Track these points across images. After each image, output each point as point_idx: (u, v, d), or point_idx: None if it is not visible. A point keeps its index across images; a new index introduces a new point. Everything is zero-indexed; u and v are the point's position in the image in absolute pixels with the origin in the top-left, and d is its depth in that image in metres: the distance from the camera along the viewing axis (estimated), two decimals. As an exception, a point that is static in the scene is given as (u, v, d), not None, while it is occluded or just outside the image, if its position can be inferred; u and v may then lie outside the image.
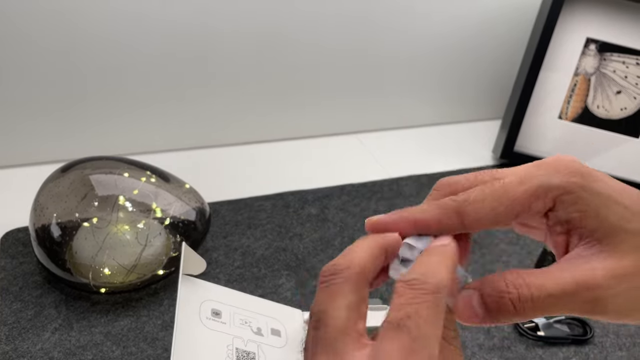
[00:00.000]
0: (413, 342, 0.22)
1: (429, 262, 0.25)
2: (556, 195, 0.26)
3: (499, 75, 0.88)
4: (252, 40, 0.71)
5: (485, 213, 0.26)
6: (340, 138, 0.83)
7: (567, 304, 0.25)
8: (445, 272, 0.24)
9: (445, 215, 0.27)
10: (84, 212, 0.54)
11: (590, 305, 0.25)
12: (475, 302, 0.25)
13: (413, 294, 0.23)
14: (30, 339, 0.51)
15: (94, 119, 0.70)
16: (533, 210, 0.27)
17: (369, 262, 0.25)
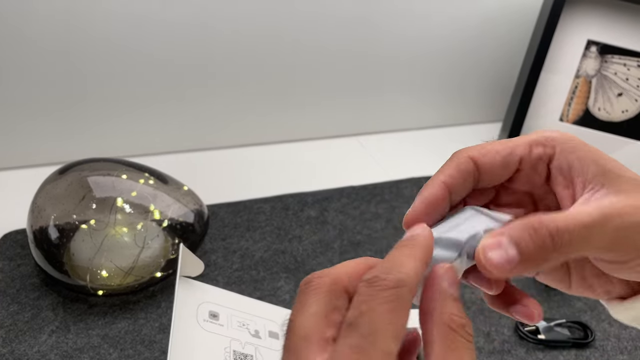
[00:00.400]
0: (363, 340, 0.21)
1: (393, 257, 0.24)
2: (555, 143, 0.28)
3: (499, 77, 0.87)
4: (251, 41, 0.71)
5: (493, 154, 0.28)
6: (341, 140, 0.83)
7: (599, 234, 0.24)
8: (411, 263, 0.23)
9: (461, 164, 0.28)
10: (82, 214, 0.54)
11: (622, 233, 0.25)
12: (506, 244, 0.24)
13: (369, 291, 0.22)
14: (27, 342, 0.51)
15: (93, 121, 0.70)
16: (534, 156, 0.28)
17: (347, 272, 0.24)
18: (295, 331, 0.23)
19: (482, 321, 0.59)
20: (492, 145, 0.29)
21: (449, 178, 0.28)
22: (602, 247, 0.25)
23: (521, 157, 0.28)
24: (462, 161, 0.28)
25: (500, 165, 0.28)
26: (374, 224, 0.68)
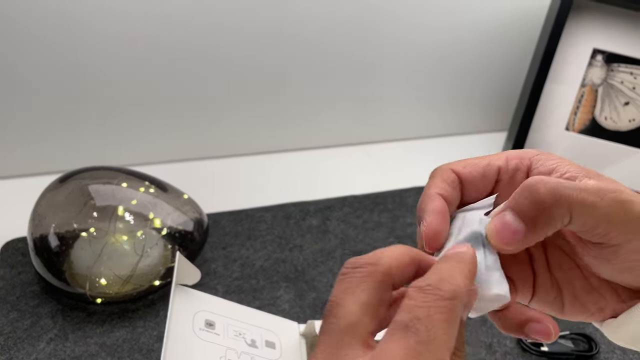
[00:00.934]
0: (420, 345, 0.21)
1: (444, 269, 0.24)
2: (530, 156, 0.29)
3: (504, 86, 0.87)
4: (254, 50, 0.71)
5: (473, 166, 0.29)
6: (344, 149, 0.82)
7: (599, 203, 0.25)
8: (462, 278, 0.23)
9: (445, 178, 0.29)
10: (82, 223, 0.54)
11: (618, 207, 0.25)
12: (510, 218, 0.25)
13: (426, 297, 0.22)
14: (25, 349, 0.51)
15: (94, 130, 0.70)
16: (511, 166, 0.29)
17: (396, 266, 0.24)
18: (341, 316, 0.22)
19: (484, 332, 0.58)
20: (470, 159, 0.30)
21: (441, 190, 0.29)
22: (599, 216, 0.25)
23: (499, 167, 0.29)
24: (446, 174, 0.29)
25: (480, 175, 0.29)
26: (376, 233, 0.67)
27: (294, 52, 0.73)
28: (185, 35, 0.67)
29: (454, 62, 0.82)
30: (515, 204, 0.25)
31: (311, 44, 0.73)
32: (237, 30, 0.69)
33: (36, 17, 0.61)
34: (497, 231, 0.26)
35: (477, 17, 0.79)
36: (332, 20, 0.72)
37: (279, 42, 0.72)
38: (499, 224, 0.26)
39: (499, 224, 0.26)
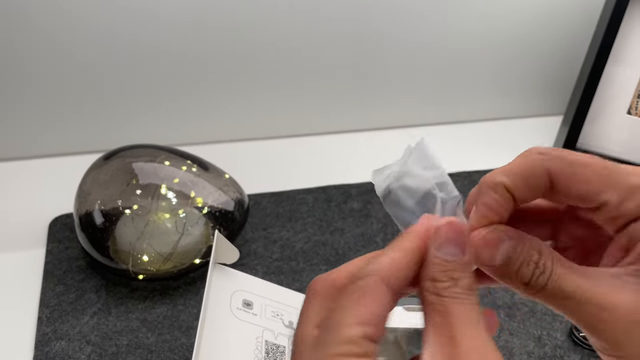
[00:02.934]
0: (324, 334, 0.22)
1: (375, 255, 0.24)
2: None
3: (561, 67, 0.82)
4: (295, 32, 0.70)
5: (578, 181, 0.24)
6: (388, 132, 0.80)
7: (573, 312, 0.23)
8: (387, 257, 0.23)
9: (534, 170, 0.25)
10: (126, 200, 0.55)
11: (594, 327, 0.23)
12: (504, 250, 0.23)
13: (338, 294, 0.23)
14: (70, 322, 0.52)
15: (138, 110, 0.71)
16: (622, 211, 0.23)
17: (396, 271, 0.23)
18: (298, 339, 0.23)
19: (533, 324, 0.55)
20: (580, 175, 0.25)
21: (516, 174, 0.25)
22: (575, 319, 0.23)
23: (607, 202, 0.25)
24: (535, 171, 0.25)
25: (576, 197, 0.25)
26: (420, 218, 0.65)
27: (338, 34, 0.71)
28: (230, 15, 0.67)
29: (508, 43, 0.78)
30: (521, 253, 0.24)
31: (363, 28, 0.71)
32: (278, 10, 0.68)
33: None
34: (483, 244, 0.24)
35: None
36: (383, 3, 0.70)
37: (320, 24, 0.70)
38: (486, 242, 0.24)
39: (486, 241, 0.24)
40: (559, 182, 0.24)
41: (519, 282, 0.23)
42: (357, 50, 0.74)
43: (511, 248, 0.23)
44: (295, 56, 0.72)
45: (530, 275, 0.23)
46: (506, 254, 0.23)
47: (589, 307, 0.22)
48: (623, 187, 0.23)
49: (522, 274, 0.23)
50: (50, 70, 0.66)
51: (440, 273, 0.22)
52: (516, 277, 0.23)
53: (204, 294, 0.55)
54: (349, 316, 0.21)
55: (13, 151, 0.70)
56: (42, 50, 0.64)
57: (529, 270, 0.23)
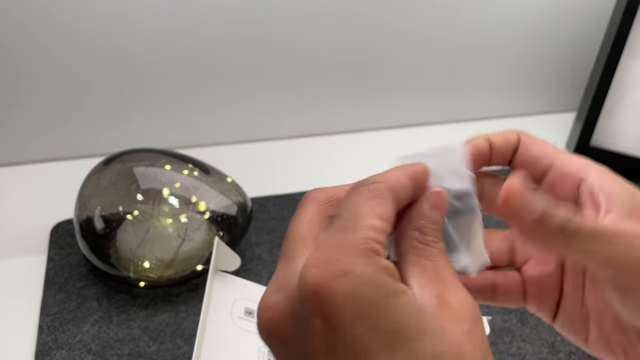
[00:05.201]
0: (345, 222, 0.22)
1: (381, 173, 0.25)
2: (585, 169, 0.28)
3: (574, 62, 0.80)
4: (300, 31, 0.68)
5: (535, 143, 0.29)
6: (394, 132, 0.78)
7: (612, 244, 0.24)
8: (393, 173, 0.24)
9: (508, 136, 0.29)
10: (127, 205, 0.54)
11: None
12: (541, 202, 0.24)
13: (351, 192, 0.24)
14: (70, 331, 0.51)
15: (138, 113, 0.70)
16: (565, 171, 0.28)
17: (400, 186, 0.24)
18: (290, 235, 0.24)
19: (546, 330, 0.54)
20: (540, 140, 0.30)
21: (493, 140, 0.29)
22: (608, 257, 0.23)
23: (551, 164, 0.29)
24: (509, 136, 0.29)
25: (533, 159, 0.29)
26: (428, 220, 0.64)
27: (341, 33, 0.70)
28: (229, 17, 0.65)
29: (519, 37, 0.76)
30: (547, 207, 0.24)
31: (358, 26, 0.70)
32: (278, 11, 0.66)
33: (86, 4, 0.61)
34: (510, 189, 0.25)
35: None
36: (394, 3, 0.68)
37: (321, 24, 0.69)
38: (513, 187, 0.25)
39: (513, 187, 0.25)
40: (524, 145, 0.28)
41: (556, 228, 0.24)
42: (360, 49, 0.72)
43: (545, 201, 0.24)
44: (297, 56, 0.70)
45: (565, 219, 0.24)
46: (542, 204, 0.24)
47: (626, 239, 0.23)
48: (566, 155, 0.28)
49: (560, 219, 0.24)
50: (49, 75, 0.65)
51: (430, 229, 0.24)
52: (552, 224, 0.24)
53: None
54: (367, 209, 0.22)
55: (13, 156, 0.69)
56: (41, 54, 0.63)
57: (562, 216, 0.24)
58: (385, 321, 0.20)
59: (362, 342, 0.20)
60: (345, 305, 0.20)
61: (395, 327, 0.20)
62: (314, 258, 0.21)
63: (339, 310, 0.20)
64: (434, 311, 0.21)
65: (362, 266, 0.21)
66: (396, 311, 0.20)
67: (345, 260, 0.21)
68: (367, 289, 0.20)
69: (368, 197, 0.23)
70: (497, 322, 0.54)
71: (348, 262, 0.21)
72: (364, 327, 0.20)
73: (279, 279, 0.23)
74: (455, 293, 0.22)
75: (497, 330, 0.54)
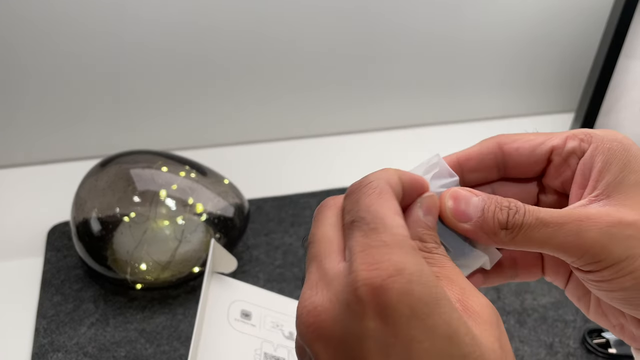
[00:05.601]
0: (370, 224, 0.22)
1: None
2: (594, 140, 0.26)
3: (572, 62, 0.80)
4: (300, 32, 0.68)
5: (523, 142, 0.27)
6: (394, 132, 0.78)
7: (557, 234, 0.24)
8: (386, 171, 0.24)
9: (484, 144, 0.28)
10: (124, 207, 0.54)
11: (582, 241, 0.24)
12: (476, 203, 0.25)
13: (352, 194, 0.23)
14: (67, 333, 0.51)
15: (134, 114, 0.70)
16: (568, 148, 0.26)
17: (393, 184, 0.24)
18: (317, 239, 0.23)
19: (544, 331, 0.53)
20: (526, 135, 0.28)
21: (463, 156, 0.28)
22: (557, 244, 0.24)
23: (553, 147, 0.27)
24: (485, 143, 0.28)
25: (527, 152, 0.27)
26: (426, 221, 0.63)
27: (341, 34, 0.70)
28: (228, 18, 0.65)
29: (516, 37, 0.76)
30: (486, 202, 0.25)
31: (358, 26, 0.69)
32: (277, 12, 0.66)
33: (84, 10, 0.61)
34: (456, 199, 0.25)
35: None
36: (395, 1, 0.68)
37: (321, 24, 0.68)
38: (462, 197, 0.25)
39: (463, 196, 0.25)
40: (507, 145, 0.27)
41: (497, 228, 0.24)
42: (360, 49, 0.72)
43: (481, 201, 0.25)
44: (296, 57, 0.70)
45: (506, 217, 0.24)
46: (480, 206, 0.25)
47: (569, 226, 0.24)
48: (561, 134, 0.27)
49: (499, 219, 0.24)
50: (45, 77, 0.65)
51: (428, 235, 0.24)
52: (494, 225, 0.24)
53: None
54: (383, 208, 0.22)
55: (9, 158, 0.69)
56: (39, 57, 0.63)
57: (503, 214, 0.24)
58: (439, 324, 0.20)
59: (417, 344, 0.20)
60: (400, 304, 0.20)
61: (449, 332, 0.20)
62: (362, 261, 0.21)
63: (395, 309, 0.20)
64: (467, 319, 0.21)
65: (412, 264, 0.20)
66: (447, 315, 0.20)
67: (395, 260, 0.20)
68: (420, 288, 0.20)
69: (377, 196, 0.23)
70: (496, 324, 0.54)
71: (399, 262, 0.20)
72: (419, 329, 0.20)
73: (315, 282, 0.22)
74: (475, 298, 0.22)
75: (495, 331, 0.53)
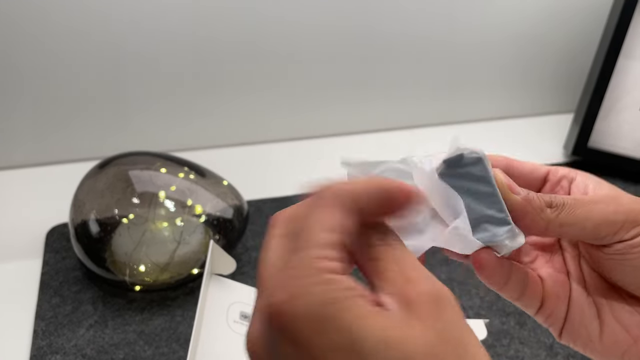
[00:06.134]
0: (299, 241, 0.22)
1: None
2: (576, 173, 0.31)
3: (571, 63, 0.80)
4: (299, 33, 0.68)
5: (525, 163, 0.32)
6: (391, 133, 0.78)
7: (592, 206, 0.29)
8: (349, 184, 0.24)
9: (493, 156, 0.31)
10: (123, 209, 0.54)
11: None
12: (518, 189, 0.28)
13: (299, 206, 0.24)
14: (66, 335, 0.51)
15: (133, 116, 0.70)
16: (560, 173, 0.32)
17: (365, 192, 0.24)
18: (260, 265, 0.24)
19: (544, 332, 0.53)
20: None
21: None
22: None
23: (549, 170, 0.32)
24: (494, 156, 0.31)
25: (529, 170, 0.32)
26: (426, 222, 0.63)
27: (339, 34, 0.70)
28: (226, 19, 0.65)
29: (515, 38, 0.76)
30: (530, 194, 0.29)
31: (358, 26, 0.69)
32: (276, 13, 0.66)
33: (81, 10, 0.61)
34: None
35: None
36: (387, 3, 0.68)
37: (320, 25, 0.68)
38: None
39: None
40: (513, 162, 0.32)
41: (544, 205, 0.28)
42: (359, 50, 0.72)
43: (522, 190, 0.29)
44: (294, 58, 0.70)
45: (549, 198, 0.28)
46: (523, 192, 0.28)
47: (604, 199, 0.29)
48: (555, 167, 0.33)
49: (544, 199, 0.28)
50: (44, 78, 0.65)
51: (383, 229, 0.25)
52: (540, 203, 0.28)
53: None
54: (316, 223, 0.22)
55: (7, 160, 0.69)
56: (36, 58, 0.63)
57: (546, 197, 0.28)
58: (336, 338, 0.20)
59: (326, 358, 0.20)
60: (303, 326, 0.21)
61: (348, 342, 0.20)
62: (274, 285, 0.22)
63: (299, 331, 0.21)
64: (400, 317, 0.21)
65: (312, 286, 0.21)
66: (351, 325, 0.21)
67: (297, 284, 0.21)
68: (318, 308, 0.21)
69: (316, 210, 0.23)
70: (495, 325, 0.54)
71: (300, 285, 0.21)
72: (321, 346, 0.21)
73: (255, 312, 0.23)
74: (416, 287, 0.22)
75: (494, 332, 0.53)
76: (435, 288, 0.22)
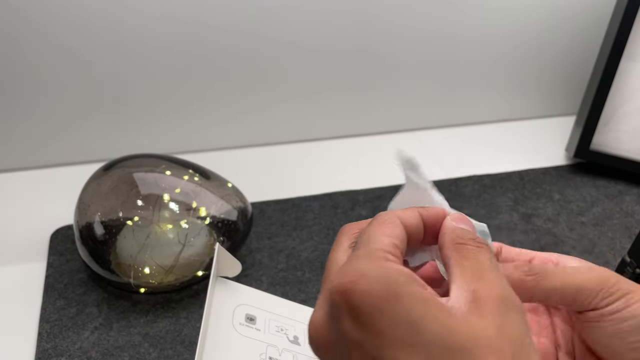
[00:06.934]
0: (361, 244, 0.27)
1: None
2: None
3: (573, 65, 0.80)
4: (302, 35, 0.68)
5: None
6: (395, 136, 0.78)
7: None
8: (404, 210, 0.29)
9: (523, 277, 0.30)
10: (128, 211, 0.54)
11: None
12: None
13: (367, 225, 0.29)
14: (70, 338, 0.51)
15: (138, 118, 0.70)
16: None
17: (414, 225, 0.29)
18: (328, 263, 0.27)
19: (548, 334, 0.53)
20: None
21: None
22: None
23: (534, 256, 0.33)
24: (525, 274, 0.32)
25: (516, 253, 0.34)
26: (429, 224, 0.63)
27: (342, 36, 0.70)
28: (230, 21, 0.65)
29: (517, 41, 0.76)
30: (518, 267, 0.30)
31: (360, 29, 0.70)
32: (280, 15, 0.66)
33: (83, 12, 0.61)
34: None
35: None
36: (388, 3, 0.68)
37: (323, 27, 0.69)
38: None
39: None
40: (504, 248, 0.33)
41: (524, 275, 0.29)
42: (361, 53, 0.72)
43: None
44: (298, 60, 0.70)
45: (527, 268, 0.29)
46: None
47: (582, 268, 0.30)
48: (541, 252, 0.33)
49: (522, 269, 0.29)
50: (48, 81, 0.65)
51: (463, 234, 0.28)
52: (520, 273, 0.29)
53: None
54: (377, 232, 0.26)
55: (12, 162, 0.69)
56: (41, 61, 0.63)
57: (524, 267, 0.29)
58: (399, 315, 0.22)
59: (383, 335, 0.22)
60: (363, 302, 0.23)
61: (409, 320, 0.22)
62: (339, 273, 0.25)
63: (360, 307, 0.23)
64: (465, 309, 0.23)
65: (373, 269, 0.24)
66: (407, 306, 0.22)
67: (359, 267, 0.24)
68: (378, 287, 0.23)
69: (378, 224, 0.27)
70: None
71: (361, 268, 0.24)
72: (383, 321, 0.22)
73: (319, 300, 0.26)
74: (487, 287, 0.24)
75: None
76: (505, 293, 0.24)
